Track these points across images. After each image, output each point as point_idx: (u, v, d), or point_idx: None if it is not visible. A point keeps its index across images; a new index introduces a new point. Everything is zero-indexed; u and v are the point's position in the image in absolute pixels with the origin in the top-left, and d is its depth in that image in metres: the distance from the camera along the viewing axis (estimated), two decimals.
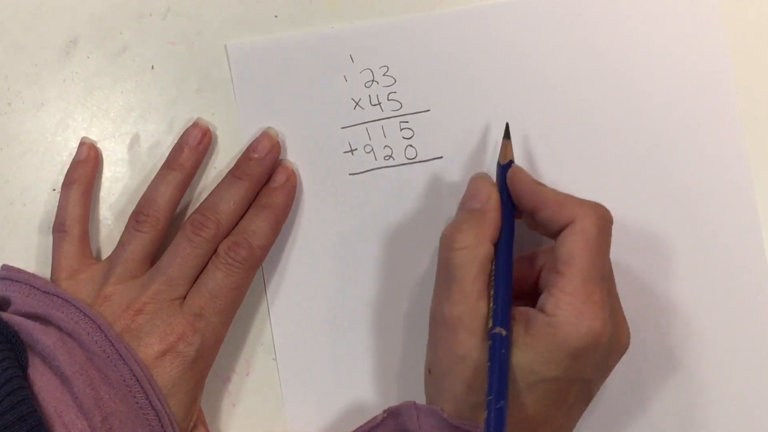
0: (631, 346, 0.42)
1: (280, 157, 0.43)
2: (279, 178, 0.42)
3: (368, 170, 0.44)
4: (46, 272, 0.42)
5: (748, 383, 0.44)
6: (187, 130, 0.43)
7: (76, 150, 0.44)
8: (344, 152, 0.44)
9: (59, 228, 0.42)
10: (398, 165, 0.44)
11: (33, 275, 0.41)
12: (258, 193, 0.42)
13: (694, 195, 0.44)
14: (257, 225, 0.41)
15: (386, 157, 0.44)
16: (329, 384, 0.44)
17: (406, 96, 0.44)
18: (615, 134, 0.45)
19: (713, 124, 0.45)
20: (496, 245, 0.38)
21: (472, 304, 0.37)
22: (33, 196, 0.44)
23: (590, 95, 0.45)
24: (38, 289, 0.40)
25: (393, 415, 0.38)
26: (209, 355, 0.40)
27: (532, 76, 0.45)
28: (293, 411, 0.44)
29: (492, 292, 0.37)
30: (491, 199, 0.39)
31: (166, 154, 0.43)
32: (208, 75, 0.45)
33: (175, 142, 0.43)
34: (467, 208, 0.39)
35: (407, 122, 0.45)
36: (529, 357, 0.35)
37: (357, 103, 0.44)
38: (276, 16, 0.45)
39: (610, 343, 0.36)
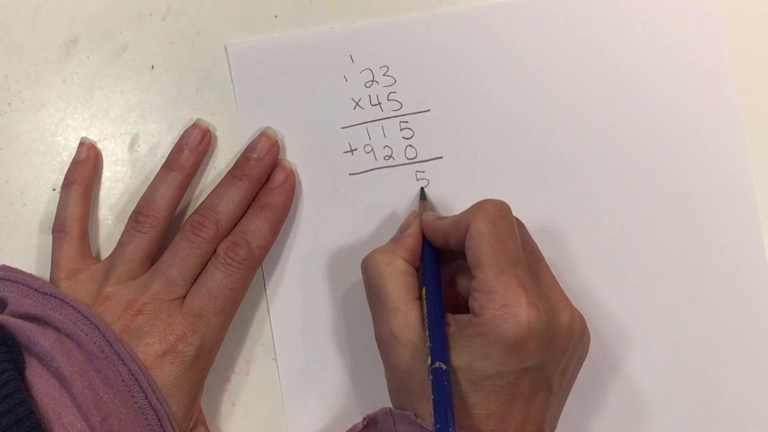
0: (630, 346, 0.42)
1: (279, 157, 0.43)
2: (278, 178, 0.42)
3: (368, 170, 0.44)
4: (45, 272, 0.42)
5: (748, 383, 0.44)
6: (187, 130, 0.43)
7: (76, 150, 0.44)
8: (344, 152, 0.44)
9: (59, 228, 0.42)
10: (398, 165, 0.44)
11: (31, 276, 0.41)
12: (257, 193, 0.42)
13: (694, 195, 0.44)
14: (256, 225, 0.41)
15: (386, 157, 0.44)
16: (329, 384, 0.44)
17: (406, 96, 0.44)
18: (615, 134, 0.45)
19: (713, 124, 0.45)
20: (423, 280, 0.39)
21: (400, 318, 0.37)
22: (33, 196, 0.44)
23: (590, 95, 0.45)
24: (36, 290, 0.40)
25: (371, 422, 0.39)
26: (209, 355, 0.40)
27: (532, 76, 0.45)
28: (293, 411, 0.44)
29: (426, 321, 0.37)
30: (409, 227, 0.41)
31: (166, 155, 0.43)
32: (208, 75, 0.45)
33: (175, 142, 0.43)
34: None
35: (407, 122, 0.45)
36: (466, 358, 0.36)
37: (357, 103, 0.44)
38: (276, 16, 0.45)
39: (546, 325, 0.36)
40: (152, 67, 0.45)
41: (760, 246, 0.44)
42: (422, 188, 0.44)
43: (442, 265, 0.41)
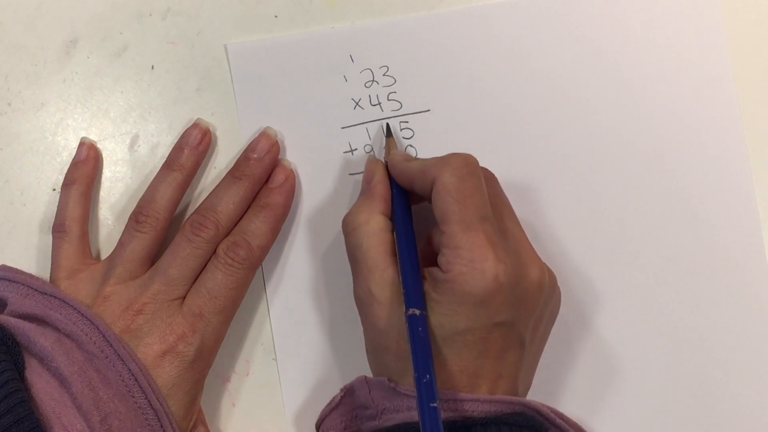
0: (630, 346, 0.42)
1: (279, 157, 0.43)
2: (278, 178, 0.42)
3: None
4: (45, 272, 0.42)
5: (748, 383, 0.44)
6: (187, 130, 0.43)
7: (76, 150, 0.44)
8: (344, 152, 0.44)
9: (59, 228, 0.42)
10: None
11: (31, 276, 0.41)
12: (257, 194, 0.42)
13: (694, 195, 0.44)
14: (256, 225, 0.41)
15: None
16: (329, 384, 0.44)
17: (406, 96, 0.44)
18: (615, 134, 0.45)
19: (713, 124, 0.45)
20: (395, 227, 0.39)
21: (378, 277, 0.37)
22: (33, 196, 0.44)
23: (590, 95, 0.45)
24: (36, 290, 0.40)
25: (349, 392, 0.39)
26: (209, 355, 0.40)
27: (532, 76, 0.45)
28: (293, 411, 0.44)
29: (399, 270, 0.37)
30: (376, 174, 0.40)
31: (166, 155, 0.43)
32: (208, 75, 0.45)
33: (175, 142, 0.43)
34: (360, 192, 0.41)
35: (407, 122, 0.45)
36: (437, 313, 0.36)
37: (357, 103, 0.44)
38: (276, 16, 0.45)
39: (515, 280, 0.36)
40: (152, 67, 0.45)
41: (760, 246, 0.44)
42: (387, 123, 0.44)
43: (414, 203, 0.41)
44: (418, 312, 0.35)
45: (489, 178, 0.40)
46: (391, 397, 0.37)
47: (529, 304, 0.37)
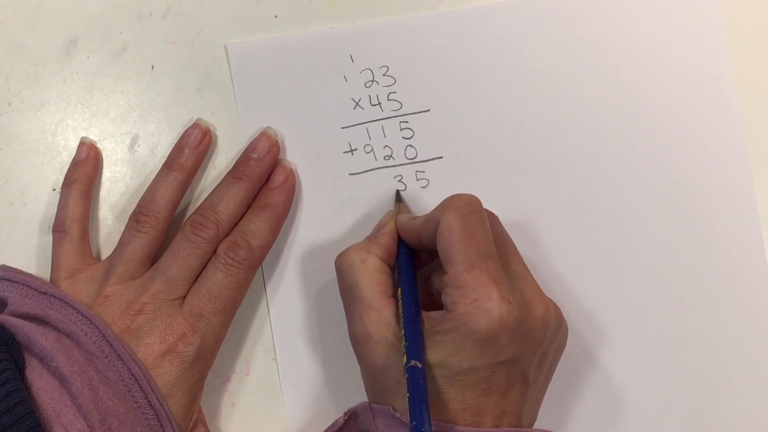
0: (630, 346, 0.42)
1: (279, 157, 0.43)
2: (278, 178, 0.43)
3: (368, 170, 0.44)
4: (45, 272, 0.42)
5: (748, 383, 0.44)
6: (187, 130, 0.43)
7: (76, 150, 0.44)
8: (344, 152, 0.44)
9: (59, 228, 0.42)
10: (398, 165, 0.44)
11: (31, 275, 0.41)
12: (257, 194, 0.42)
13: (695, 195, 0.44)
14: (256, 225, 0.41)
15: (386, 157, 0.44)
16: (329, 384, 0.44)
17: (406, 96, 0.44)
18: (615, 134, 0.45)
19: (713, 124, 0.45)
20: (398, 277, 0.39)
21: (375, 315, 0.37)
22: (33, 196, 0.44)
23: (590, 95, 0.45)
24: (36, 290, 0.40)
25: (353, 416, 0.39)
26: (209, 355, 0.40)
27: (532, 76, 0.45)
28: (293, 411, 0.44)
29: (401, 320, 0.37)
30: (387, 226, 0.41)
31: (166, 155, 0.43)
32: (208, 75, 0.45)
33: (176, 142, 0.43)
34: (366, 237, 0.42)
35: (407, 122, 0.45)
36: (441, 353, 0.36)
37: (357, 103, 0.44)
38: (276, 16, 0.45)
39: (519, 319, 0.36)
40: (152, 67, 0.45)
41: (760, 246, 0.44)
42: (398, 191, 0.44)
43: (419, 266, 0.41)
44: (419, 365, 0.35)
45: (491, 218, 0.40)
46: (395, 426, 0.37)
47: (533, 341, 0.37)
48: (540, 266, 0.44)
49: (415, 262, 0.40)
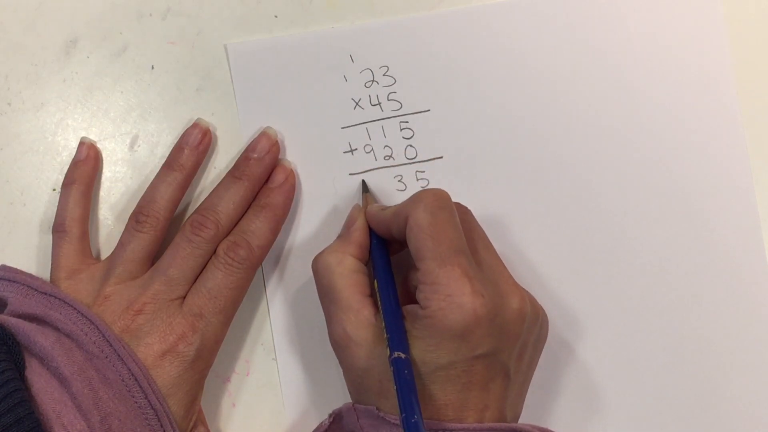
0: (631, 346, 0.42)
1: (279, 157, 0.43)
2: (278, 178, 0.43)
3: (368, 170, 0.44)
4: (45, 272, 0.42)
5: (748, 383, 0.44)
6: (187, 130, 0.43)
7: (76, 150, 0.44)
8: (344, 152, 0.44)
9: (59, 228, 0.42)
10: (398, 165, 0.44)
11: (31, 276, 0.41)
12: (257, 193, 0.42)
13: (694, 195, 0.44)
14: (256, 225, 0.41)
15: (386, 157, 0.44)
16: (329, 384, 0.44)
17: (406, 96, 0.44)
18: (615, 134, 0.45)
19: (713, 124, 0.45)
20: (375, 273, 0.39)
21: (353, 317, 0.38)
22: (33, 196, 0.44)
23: (590, 95, 0.45)
24: (36, 290, 0.40)
25: (337, 418, 0.39)
26: (209, 355, 0.40)
27: (532, 76, 0.45)
28: (293, 411, 0.44)
29: (381, 313, 0.37)
30: (356, 222, 0.41)
31: (166, 155, 0.43)
32: (208, 75, 0.45)
33: (175, 142, 0.43)
34: (338, 236, 0.42)
35: (407, 122, 0.45)
36: (419, 350, 0.36)
37: (357, 103, 0.44)
38: (276, 16, 0.45)
39: (494, 312, 0.36)
40: (152, 67, 0.45)
41: (760, 246, 0.44)
42: (363, 180, 0.44)
43: (393, 253, 0.41)
44: (403, 355, 0.35)
45: (463, 211, 0.40)
46: (380, 425, 0.37)
47: (511, 333, 0.37)
48: (540, 266, 0.44)
49: (388, 252, 0.40)
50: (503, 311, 0.36)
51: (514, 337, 0.37)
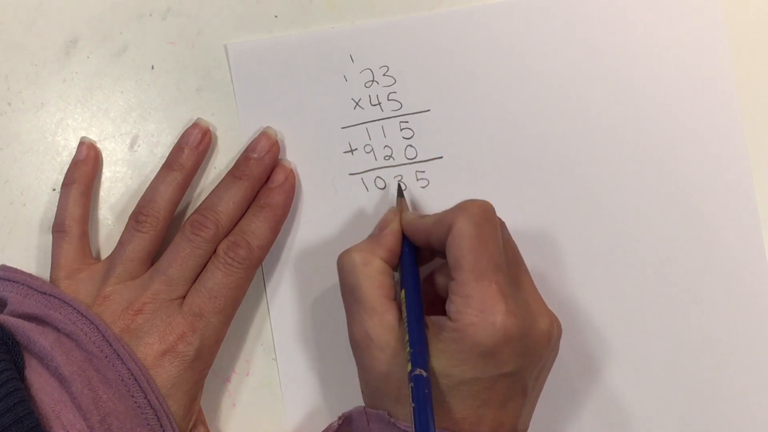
0: (631, 346, 0.42)
1: (279, 157, 0.43)
2: (278, 178, 0.43)
3: (368, 170, 0.44)
4: (45, 272, 0.42)
5: (748, 383, 0.44)
6: (187, 130, 0.43)
7: (76, 150, 0.44)
8: (344, 152, 0.44)
9: (59, 228, 0.42)
10: (398, 165, 0.44)
11: (30, 275, 0.41)
12: (257, 193, 0.42)
13: (694, 195, 0.44)
14: (256, 225, 0.41)
15: (386, 157, 0.44)
16: (329, 384, 0.44)
17: (406, 96, 0.44)
18: (615, 134, 0.45)
19: (713, 124, 0.45)
20: (402, 282, 0.39)
21: (377, 320, 0.37)
22: (33, 196, 0.44)
23: (590, 95, 0.45)
24: (35, 290, 0.40)
25: (347, 420, 0.39)
26: (209, 355, 0.40)
27: (532, 76, 0.45)
28: (293, 411, 0.44)
29: (406, 327, 0.37)
30: (390, 225, 0.40)
31: (166, 155, 0.43)
32: (208, 75, 0.45)
33: (175, 142, 0.43)
34: (369, 235, 0.41)
35: (407, 122, 0.45)
36: (443, 362, 0.35)
37: (357, 103, 0.44)
38: (276, 16, 0.45)
39: (523, 332, 0.35)
40: (152, 67, 0.45)
41: (760, 246, 0.44)
42: (399, 184, 0.44)
43: (421, 264, 0.41)
44: (425, 373, 0.34)
45: (501, 226, 0.39)
46: (390, 431, 0.36)
47: (536, 354, 0.37)
48: (539, 266, 0.44)
49: (418, 264, 0.40)
50: (532, 332, 0.36)
51: (538, 357, 0.37)
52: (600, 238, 0.44)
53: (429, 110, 0.45)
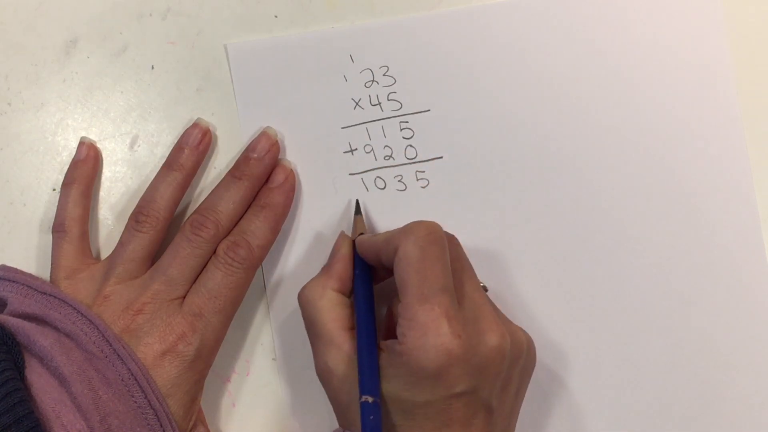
0: (630, 345, 0.42)
1: (279, 157, 0.43)
2: (277, 178, 0.43)
3: (368, 170, 0.44)
4: (45, 272, 0.42)
5: (748, 383, 0.44)
6: (187, 130, 0.43)
7: (75, 150, 0.44)
8: (344, 152, 0.44)
9: (59, 228, 0.42)
10: (398, 165, 0.44)
11: (31, 275, 0.41)
12: (257, 193, 0.42)
13: (694, 195, 0.44)
14: (256, 225, 0.41)
15: (386, 157, 0.44)
16: None
17: (406, 96, 0.44)
18: (615, 134, 0.45)
19: (713, 123, 0.45)
20: (355, 307, 0.39)
21: (335, 352, 0.38)
22: (33, 196, 0.44)
23: (590, 95, 0.45)
24: (36, 290, 0.40)
25: None
26: (209, 355, 0.40)
27: (532, 76, 0.45)
28: (293, 411, 0.44)
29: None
30: (338, 252, 0.41)
31: (166, 155, 0.43)
32: (208, 75, 0.45)
33: (175, 142, 0.43)
34: (324, 265, 0.41)
35: (407, 122, 0.45)
36: (395, 386, 0.35)
37: (357, 103, 0.44)
38: (276, 16, 0.45)
39: (471, 352, 0.35)
40: (152, 67, 0.45)
41: (760, 246, 0.44)
42: (357, 201, 0.44)
43: (380, 280, 0.41)
44: (371, 399, 0.35)
45: (450, 241, 0.39)
46: None
47: (491, 370, 0.36)
48: (539, 265, 0.44)
49: (372, 286, 0.40)
50: (482, 349, 0.36)
51: (495, 373, 0.36)
52: (600, 238, 0.44)
53: (429, 110, 0.45)
